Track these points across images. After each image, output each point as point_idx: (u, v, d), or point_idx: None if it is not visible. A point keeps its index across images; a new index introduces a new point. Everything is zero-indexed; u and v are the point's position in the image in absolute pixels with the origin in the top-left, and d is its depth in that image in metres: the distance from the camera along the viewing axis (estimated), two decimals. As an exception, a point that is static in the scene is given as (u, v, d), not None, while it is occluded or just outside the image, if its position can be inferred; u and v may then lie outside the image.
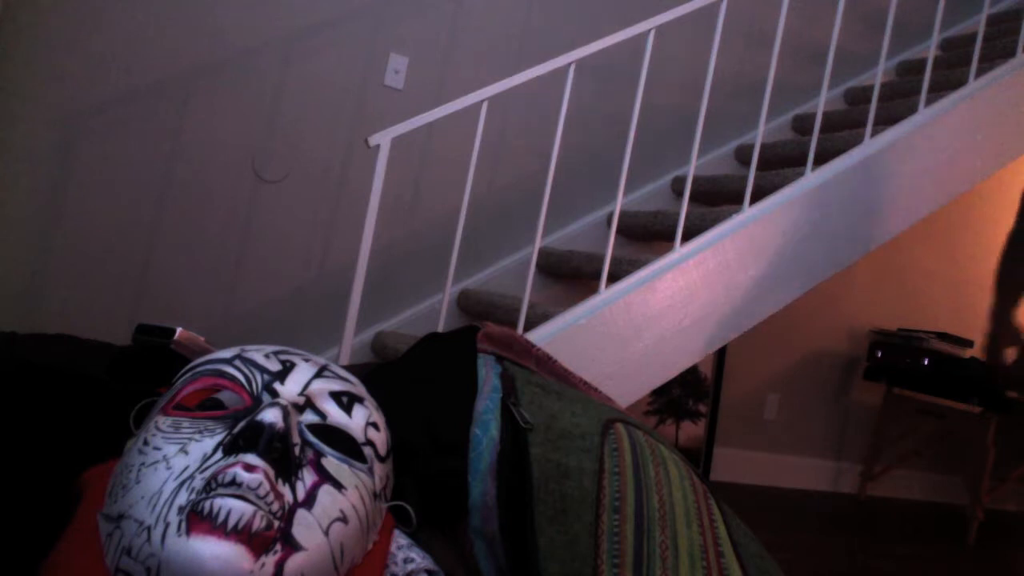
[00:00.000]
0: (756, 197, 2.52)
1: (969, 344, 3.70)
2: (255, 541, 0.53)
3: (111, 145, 2.49)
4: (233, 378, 0.64)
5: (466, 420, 0.71)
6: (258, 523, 0.54)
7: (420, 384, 0.79)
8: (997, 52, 3.05)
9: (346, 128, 2.78)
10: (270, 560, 0.54)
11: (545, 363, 0.81)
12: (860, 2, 3.53)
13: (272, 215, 2.72)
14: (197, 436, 0.59)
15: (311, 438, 0.61)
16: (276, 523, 0.55)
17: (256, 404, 0.62)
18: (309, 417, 0.63)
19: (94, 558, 0.57)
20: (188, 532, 0.53)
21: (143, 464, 0.58)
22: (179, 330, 0.82)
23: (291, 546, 0.56)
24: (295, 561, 0.55)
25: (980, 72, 2.81)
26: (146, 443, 0.60)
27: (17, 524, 0.62)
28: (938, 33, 2.81)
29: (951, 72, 3.08)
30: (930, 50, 2.88)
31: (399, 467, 0.70)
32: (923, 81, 2.70)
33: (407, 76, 2.85)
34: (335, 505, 0.59)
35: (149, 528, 0.54)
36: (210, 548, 0.52)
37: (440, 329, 2.42)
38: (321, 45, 2.73)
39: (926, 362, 3.47)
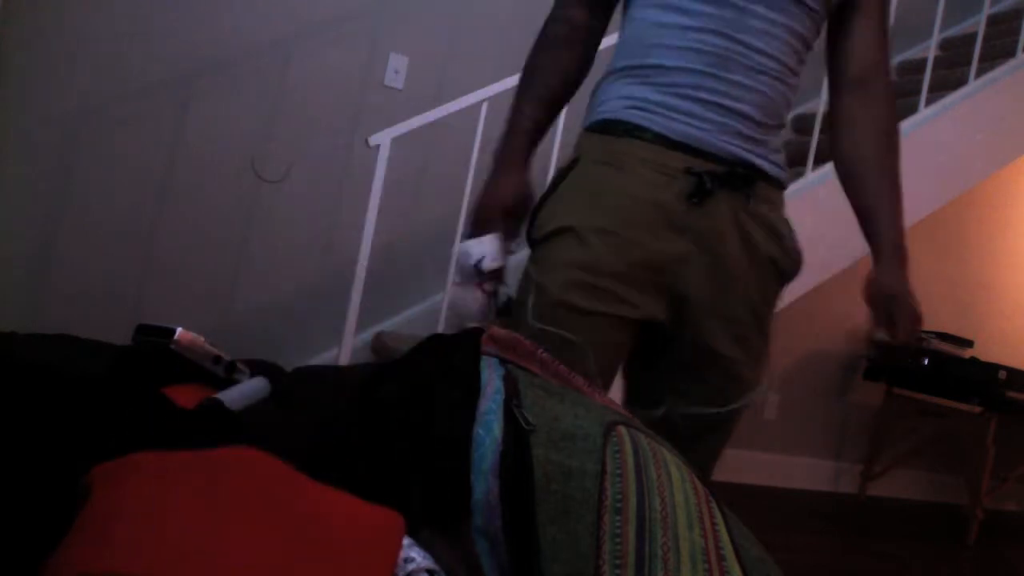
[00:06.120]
0: (756, 197, 2.52)
1: (969, 344, 3.69)
2: None
3: (111, 145, 2.49)
4: None
5: (468, 420, 0.71)
6: None
7: (423, 383, 0.79)
8: (997, 52, 3.05)
9: (346, 128, 2.78)
10: None
11: (549, 366, 0.81)
12: (860, 2, 3.53)
13: (272, 215, 2.72)
14: None
15: None
16: None
17: None
18: None
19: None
20: None
21: None
22: (179, 330, 0.82)
23: None
24: None
25: (980, 72, 2.81)
26: None
27: (17, 525, 0.62)
28: (938, 33, 2.81)
29: (951, 72, 3.08)
30: (930, 50, 2.88)
31: (399, 467, 0.70)
32: (923, 81, 2.70)
33: (407, 76, 2.85)
34: None
35: None
36: None
37: (440, 330, 2.42)
38: (321, 45, 2.73)
39: (926, 362, 3.47)
